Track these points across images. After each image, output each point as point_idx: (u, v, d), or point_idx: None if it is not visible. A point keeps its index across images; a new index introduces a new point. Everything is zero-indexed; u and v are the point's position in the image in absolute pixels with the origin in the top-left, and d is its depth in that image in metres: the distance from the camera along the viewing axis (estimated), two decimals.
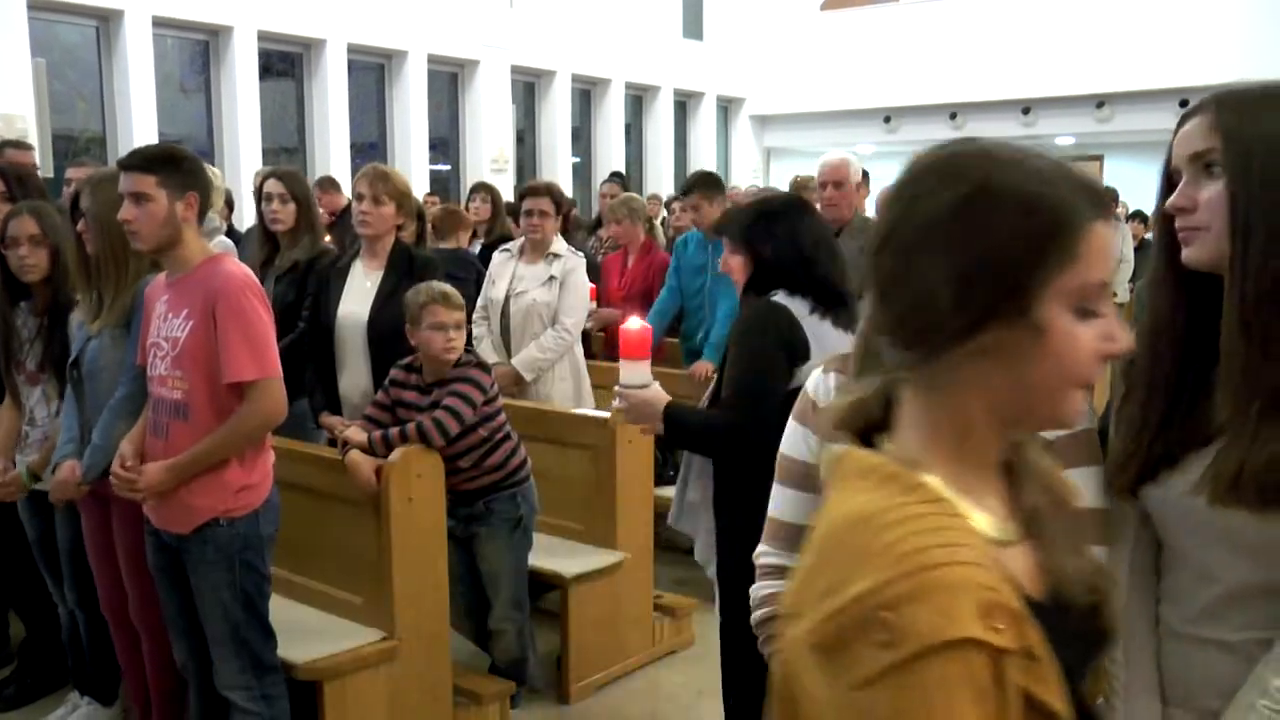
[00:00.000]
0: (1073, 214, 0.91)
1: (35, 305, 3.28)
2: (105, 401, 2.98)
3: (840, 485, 0.95)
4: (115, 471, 2.74)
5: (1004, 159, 0.93)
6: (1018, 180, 0.92)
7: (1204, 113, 1.28)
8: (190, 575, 2.75)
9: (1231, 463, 1.23)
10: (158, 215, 2.65)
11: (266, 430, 2.75)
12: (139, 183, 2.64)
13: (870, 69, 13.92)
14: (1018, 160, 0.93)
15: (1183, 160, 1.29)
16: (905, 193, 0.97)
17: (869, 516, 0.88)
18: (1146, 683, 1.38)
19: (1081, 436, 1.40)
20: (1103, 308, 0.94)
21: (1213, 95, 1.29)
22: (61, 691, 3.62)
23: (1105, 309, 0.94)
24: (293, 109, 10.38)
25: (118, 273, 2.96)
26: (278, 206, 4.15)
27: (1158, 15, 12.17)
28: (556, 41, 11.91)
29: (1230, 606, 1.30)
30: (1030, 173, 0.92)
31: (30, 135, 7.12)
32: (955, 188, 0.92)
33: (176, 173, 2.68)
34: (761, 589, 1.58)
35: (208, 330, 2.64)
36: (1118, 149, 14.55)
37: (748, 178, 14.31)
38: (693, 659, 4.05)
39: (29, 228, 3.15)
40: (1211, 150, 1.25)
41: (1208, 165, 1.26)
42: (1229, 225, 1.23)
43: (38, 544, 3.41)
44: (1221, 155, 1.24)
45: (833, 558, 0.89)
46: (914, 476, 0.91)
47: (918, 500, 0.89)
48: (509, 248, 4.77)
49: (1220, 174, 1.25)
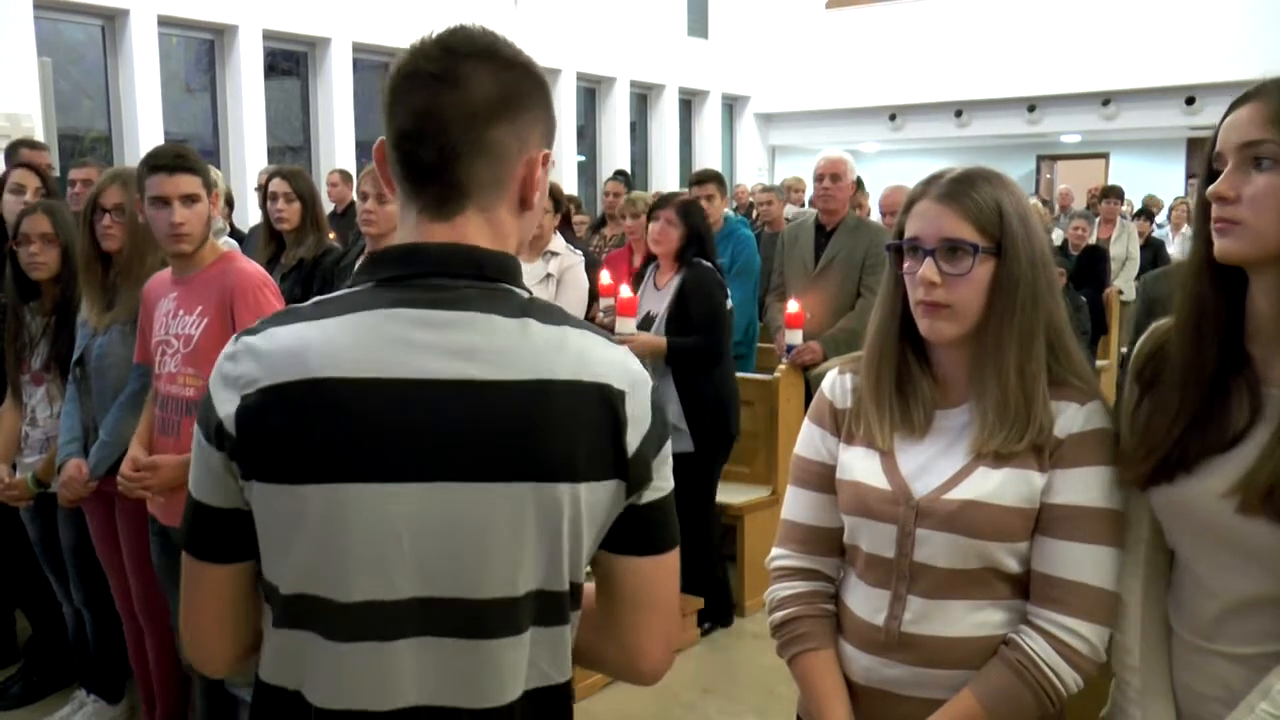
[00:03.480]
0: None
1: (43, 304, 3.28)
2: (112, 398, 2.98)
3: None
4: (125, 474, 2.71)
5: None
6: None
7: (1261, 100, 1.21)
8: None
9: (1268, 472, 1.20)
10: (204, 215, 2.68)
11: None
12: (189, 184, 2.65)
13: (875, 67, 13.91)
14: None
15: (1230, 147, 1.22)
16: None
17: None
18: (1162, 688, 1.36)
19: (1094, 435, 1.38)
20: None
21: (1273, 82, 1.22)
22: (68, 689, 3.62)
23: None
24: (298, 107, 10.39)
25: (141, 268, 2.97)
26: (283, 205, 4.14)
27: (1163, 13, 12.13)
28: (561, 40, 11.91)
29: (1238, 618, 1.28)
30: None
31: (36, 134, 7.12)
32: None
33: (204, 168, 2.73)
34: (779, 591, 1.57)
35: (224, 327, 2.64)
36: (1123, 146, 14.54)
37: (753, 176, 14.30)
38: (697, 657, 4.06)
39: (42, 226, 3.16)
40: (1265, 141, 1.19)
41: (1257, 158, 1.20)
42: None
43: (40, 545, 3.41)
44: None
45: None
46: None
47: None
48: None
49: (1270, 167, 1.18)
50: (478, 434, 1.06)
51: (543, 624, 1.11)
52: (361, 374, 1.06)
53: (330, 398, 1.05)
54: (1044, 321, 1.40)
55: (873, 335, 1.50)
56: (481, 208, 1.12)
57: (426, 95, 1.09)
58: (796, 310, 4.28)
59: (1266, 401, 1.25)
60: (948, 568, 1.40)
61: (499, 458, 1.06)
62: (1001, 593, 1.41)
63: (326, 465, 1.05)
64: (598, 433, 1.08)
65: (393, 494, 1.06)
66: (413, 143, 1.10)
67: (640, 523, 1.14)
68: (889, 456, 1.45)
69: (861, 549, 1.49)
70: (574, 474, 1.07)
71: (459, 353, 1.07)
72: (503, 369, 1.07)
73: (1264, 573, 1.24)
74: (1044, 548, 1.38)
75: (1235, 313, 1.28)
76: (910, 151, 14.65)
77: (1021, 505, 1.37)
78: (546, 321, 1.11)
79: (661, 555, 1.17)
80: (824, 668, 1.52)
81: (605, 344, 1.14)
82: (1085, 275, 7.45)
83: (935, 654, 1.41)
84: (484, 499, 1.06)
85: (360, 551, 1.06)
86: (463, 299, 1.09)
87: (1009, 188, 1.43)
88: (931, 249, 1.39)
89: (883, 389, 1.47)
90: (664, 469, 1.15)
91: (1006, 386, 1.38)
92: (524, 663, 1.11)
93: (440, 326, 1.07)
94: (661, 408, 1.15)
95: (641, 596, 1.18)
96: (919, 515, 1.40)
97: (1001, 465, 1.38)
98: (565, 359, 1.09)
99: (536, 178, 1.15)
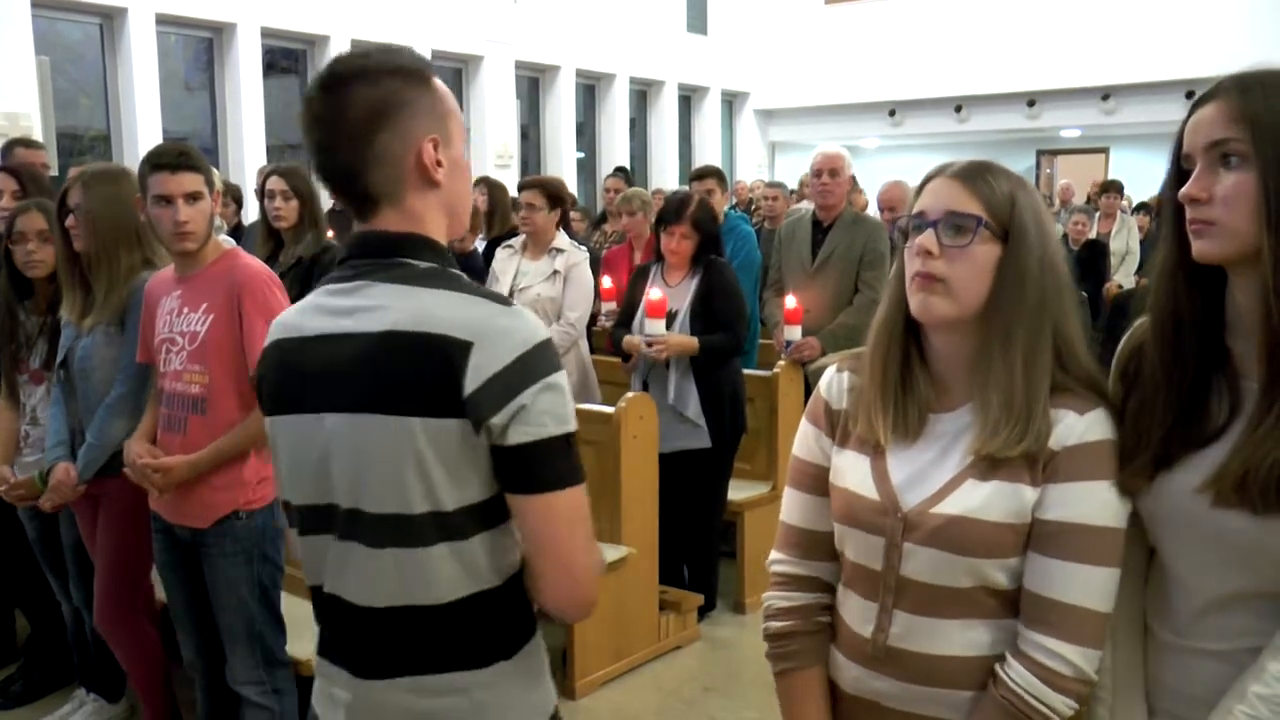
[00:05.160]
0: None
1: (37, 303, 3.27)
2: (98, 400, 2.97)
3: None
4: (145, 463, 2.68)
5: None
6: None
7: (1222, 99, 1.20)
8: (206, 570, 2.75)
9: (1239, 462, 1.20)
10: (207, 212, 2.68)
11: None
12: (192, 182, 2.64)
13: (875, 62, 13.89)
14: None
15: (1197, 148, 1.22)
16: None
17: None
18: (1135, 691, 1.35)
19: (1093, 448, 1.33)
20: None
21: (1231, 80, 1.21)
22: (68, 688, 3.62)
23: None
24: (297, 105, 10.34)
25: (111, 268, 2.94)
26: (280, 203, 4.14)
27: (1163, 7, 12.12)
28: (560, 36, 11.89)
29: (1217, 615, 1.27)
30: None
31: (35, 133, 7.12)
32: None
33: (205, 165, 2.72)
34: (776, 600, 1.54)
35: (231, 323, 2.65)
36: (1123, 141, 14.52)
37: (753, 172, 14.29)
38: (698, 654, 4.05)
39: (37, 223, 3.15)
40: (1231, 140, 1.18)
41: (1225, 156, 1.19)
42: (1261, 217, 1.17)
43: (38, 544, 3.41)
44: (1251, 144, 1.17)
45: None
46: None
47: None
48: (512, 244, 4.77)
49: (1238, 165, 1.18)
50: (344, 374, 1.33)
51: (399, 544, 1.32)
52: (289, 335, 1.42)
53: (274, 353, 1.44)
54: (1051, 327, 1.34)
55: (876, 326, 1.45)
56: (392, 202, 1.37)
57: (317, 134, 1.36)
58: (795, 306, 4.29)
59: (1245, 396, 1.24)
60: (935, 584, 1.35)
61: (357, 392, 1.31)
62: (992, 611, 1.35)
63: (270, 402, 1.44)
64: (436, 377, 1.27)
65: (295, 422, 1.39)
66: (324, 173, 1.39)
67: (512, 462, 1.30)
68: (880, 461, 1.41)
69: (848, 558, 1.46)
70: (410, 409, 1.28)
71: (343, 312, 1.35)
72: (365, 323, 1.32)
73: (1242, 567, 1.23)
74: (1034, 565, 1.32)
75: (1211, 310, 1.27)
76: (910, 147, 14.64)
77: (1011, 520, 1.32)
78: (419, 285, 1.33)
79: (541, 495, 1.30)
80: (807, 689, 1.50)
81: (465, 303, 1.31)
82: (1086, 270, 7.45)
83: (922, 671, 1.38)
84: (350, 426, 1.32)
85: (288, 465, 1.43)
86: (361, 273, 1.37)
87: (1027, 188, 1.38)
88: (935, 220, 1.35)
89: (887, 381, 1.42)
90: (529, 415, 1.28)
91: (1013, 382, 1.32)
92: (389, 577, 1.33)
93: (339, 294, 1.37)
94: (533, 361, 1.29)
95: (529, 534, 1.33)
96: (906, 528, 1.36)
97: (990, 477, 1.33)
98: (417, 315, 1.30)
99: (428, 161, 1.36)
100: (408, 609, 1.33)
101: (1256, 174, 1.17)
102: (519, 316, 1.32)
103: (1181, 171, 1.25)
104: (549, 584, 1.35)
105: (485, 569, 1.34)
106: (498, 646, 1.38)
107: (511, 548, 1.38)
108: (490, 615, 1.36)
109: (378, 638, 1.36)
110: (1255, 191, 1.17)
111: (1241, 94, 1.19)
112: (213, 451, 2.65)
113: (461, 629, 1.35)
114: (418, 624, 1.34)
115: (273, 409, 1.43)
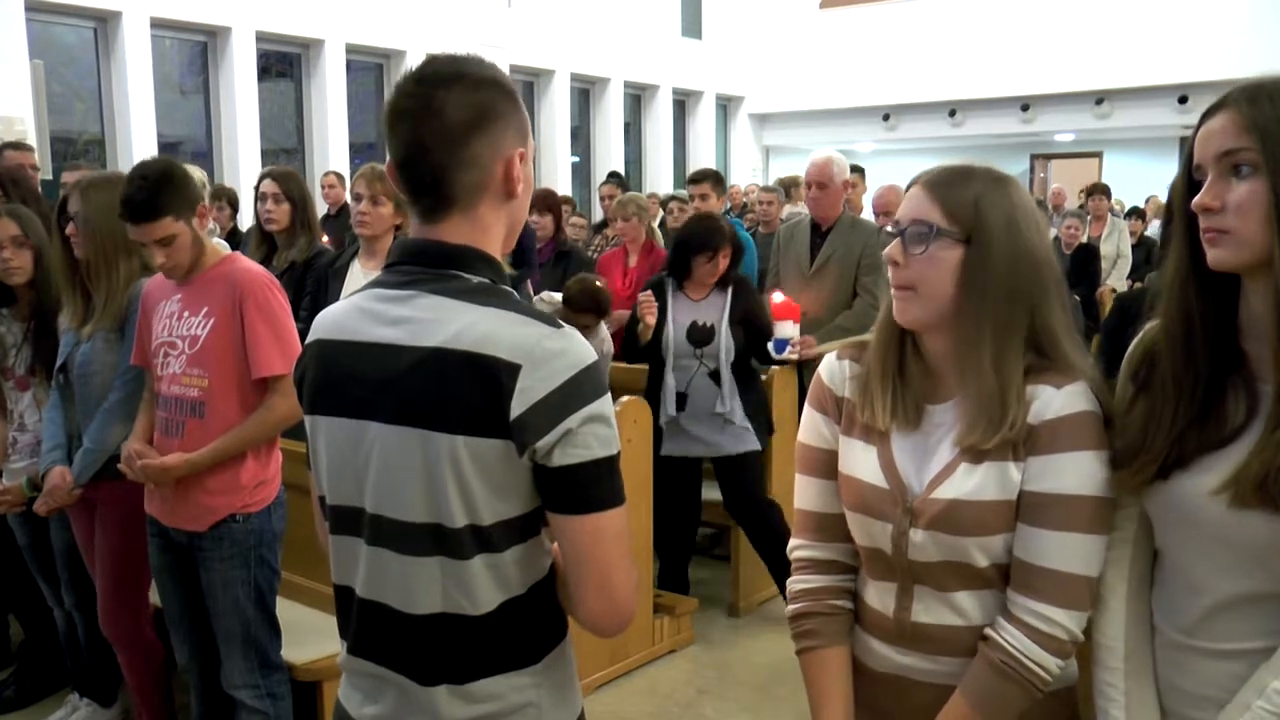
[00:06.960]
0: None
1: (20, 310, 3.26)
2: (96, 405, 2.97)
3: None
4: (145, 463, 2.67)
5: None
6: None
7: (1232, 109, 1.24)
8: (202, 573, 2.75)
9: (1259, 463, 1.22)
10: (185, 245, 2.67)
11: (292, 423, 2.73)
12: (160, 229, 2.61)
13: (869, 67, 13.93)
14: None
15: (1208, 158, 1.25)
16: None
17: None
18: (1148, 693, 1.37)
19: (1073, 420, 1.38)
20: None
21: (1240, 90, 1.24)
22: (61, 693, 3.61)
23: None
24: (291, 109, 10.38)
25: (109, 276, 2.94)
26: (272, 206, 4.13)
27: (1157, 11, 12.17)
28: (555, 41, 11.91)
29: (1227, 615, 1.29)
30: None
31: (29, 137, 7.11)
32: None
33: (179, 195, 2.65)
34: (795, 583, 1.60)
35: (232, 327, 2.65)
36: (1117, 145, 14.58)
37: (747, 176, 14.31)
38: (692, 658, 4.05)
39: (9, 229, 3.13)
40: (1242, 149, 1.21)
41: (1236, 166, 1.22)
42: (1274, 225, 1.20)
43: (29, 550, 3.39)
44: (1260, 154, 1.20)
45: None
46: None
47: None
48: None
49: (1249, 174, 1.21)
50: (390, 385, 1.33)
51: (446, 554, 1.32)
52: (334, 336, 1.41)
53: (317, 351, 1.43)
54: (1026, 320, 1.39)
55: (879, 324, 1.52)
56: (464, 209, 1.36)
57: (410, 127, 1.33)
58: (783, 300, 4.30)
59: (1262, 398, 1.26)
60: (946, 560, 1.42)
61: (403, 405, 1.31)
62: (1004, 583, 1.42)
63: (312, 401, 1.44)
64: (482, 398, 1.27)
65: (339, 425, 1.39)
66: (407, 168, 1.35)
67: (557, 483, 1.30)
68: (886, 448, 1.47)
69: (860, 543, 1.52)
70: (455, 427, 1.28)
71: (392, 321, 1.35)
72: (417, 337, 1.31)
73: (1256, 568, 1.25)
74: (1021, 535, 1.39)
75: (1224, 314, 1.29)
76: (904, 151, 14.67)
77: (1005, 498, 1.38)
78: (470, 300, 1.32)
79: (582, 516, 1.30)
80: (827, 666, 1.54)
81: (515, 323, 1.30)
82: (1078, 274, 7.47)
83: (946, 643, 1.45)
84: (392, 436, 1.33)
85: (327, 465, 1.43)
86: (414, 281, 1.35)
87: (1004, 187, 1.42)
88: (903, 230, 1.43)
89: (886, 374, 1.48)
90: (576, 439, 1.28)
91: (983, 378, 1.38)
92: (436, 584, 1.33)
93: (388, 301, 1.36)
94: (581, 385, 1.29)
95: (569, 552, 1.34)
96: (913, 516, 1.42)
97: (981, 461, 1.39)
98: (466, 333, 1.29)
99: (515, 174, 1.37)
100: (449, 616, 1.35)
101: (1267, 183, 1.20)
102: (568, 339, 1.31)
103: (1193, 182, 1.28)
104: (588, 601, 1.36)
105: (515, 580, 1.36)
106: (528, 653, 1.41)
107: (541, 558, 1.39)
108: (519, 623, 1.38)
109: (420, 644, 1.37)
110: (1267, 200, 1.20)
111: (1250, 104, 1.22)
112: (212, 451, 2.65)
113: (495, 637, 1.37)
114: (458, 632, 1.35)
115: (315, 408, 1.43)
